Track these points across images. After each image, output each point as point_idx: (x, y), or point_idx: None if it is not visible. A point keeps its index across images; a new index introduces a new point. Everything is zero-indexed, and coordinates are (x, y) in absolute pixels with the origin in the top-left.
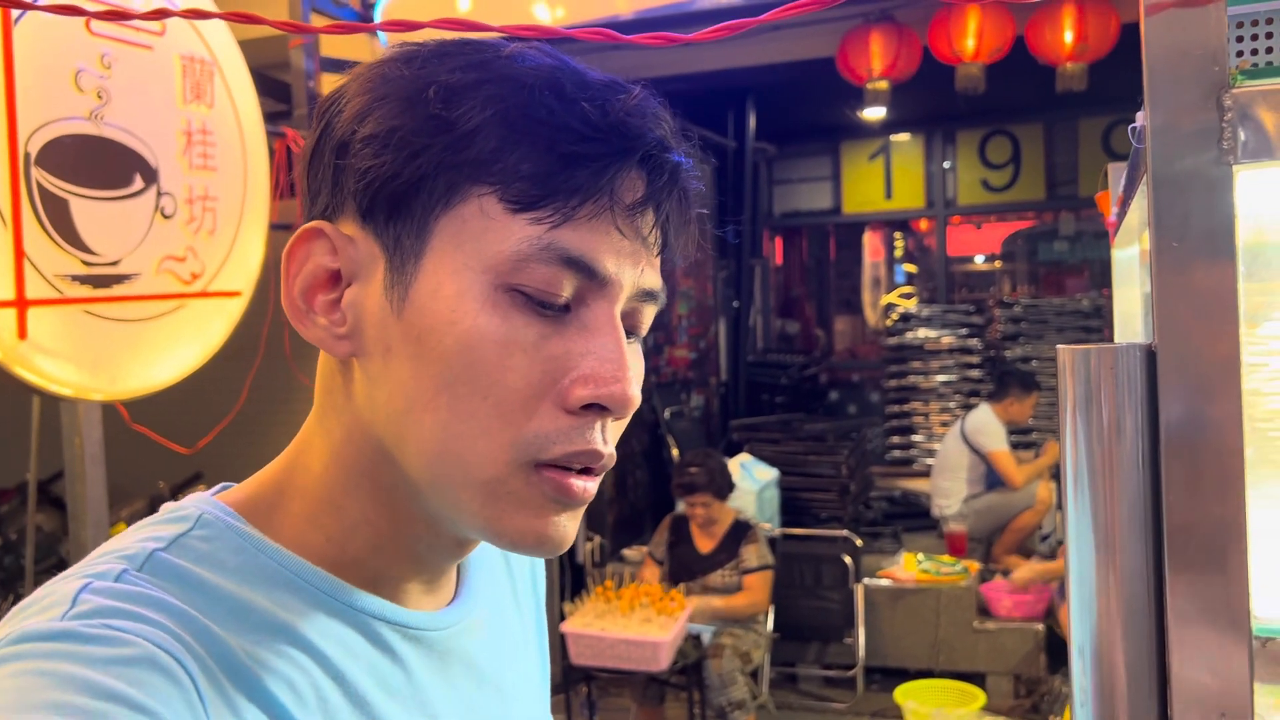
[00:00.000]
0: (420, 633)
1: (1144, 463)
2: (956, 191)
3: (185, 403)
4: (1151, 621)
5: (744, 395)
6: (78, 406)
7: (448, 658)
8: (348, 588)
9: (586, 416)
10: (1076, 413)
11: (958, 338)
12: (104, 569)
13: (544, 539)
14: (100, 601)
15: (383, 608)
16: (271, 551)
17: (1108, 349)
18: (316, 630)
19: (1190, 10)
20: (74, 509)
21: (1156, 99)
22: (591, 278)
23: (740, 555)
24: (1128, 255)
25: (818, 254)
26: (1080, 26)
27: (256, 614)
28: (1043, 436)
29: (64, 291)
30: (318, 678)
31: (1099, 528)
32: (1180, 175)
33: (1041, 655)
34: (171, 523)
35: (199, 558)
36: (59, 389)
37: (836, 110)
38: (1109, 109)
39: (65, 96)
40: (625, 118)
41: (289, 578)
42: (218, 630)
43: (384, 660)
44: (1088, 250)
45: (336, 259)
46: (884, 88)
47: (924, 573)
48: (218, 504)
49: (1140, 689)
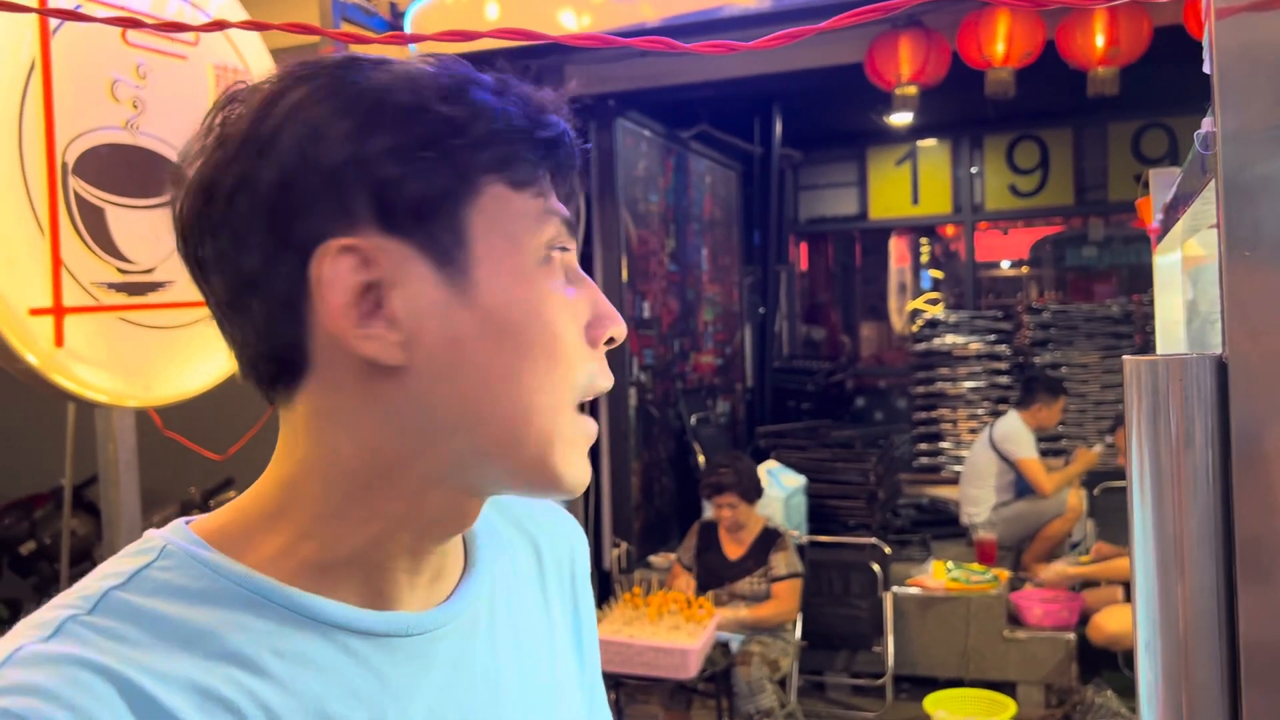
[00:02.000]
0: (396, 640)
1: (1214, 475)
2: (984, 197)
3: (216, 409)
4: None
5: (770, 402)
6: (112, 413)
7: (431, 660)
8: (319, 600)
9: (602, 353)
10: (1143, 424)
11: (986, 344)
12: (49, 617)
13: (586, 474)
14: (14, 676)
15: (355, 616)
16: (232, 574)
17: (1176, 360)
18: (277, 647)
19: (1263, 14)
20: (108, 514)
21: (1228, 104)
22: (571, 235)
23: (769, 563)
24: (1170, 261)
25: (843, 260)
26: (1112, 30)
27: (212, 639)
28: (1072, 444)
29: (100, 299)
30: (269, 697)
31: (1167, 539)
32: (1252, 182)
33: (1073, 664)
34: (137, 555)
35: (155, 589)
36: (95, 396)
37: (862, 116)
38: (1139, 114)
39: (101, 106)
40: (542, 97)
41: (248, 597)
42: (155, 671)
43: (355, 669)
44: (1117, 256)
45: (368, 271)
46: (913, 93)
47: (953, 581)
48: (186, 531)
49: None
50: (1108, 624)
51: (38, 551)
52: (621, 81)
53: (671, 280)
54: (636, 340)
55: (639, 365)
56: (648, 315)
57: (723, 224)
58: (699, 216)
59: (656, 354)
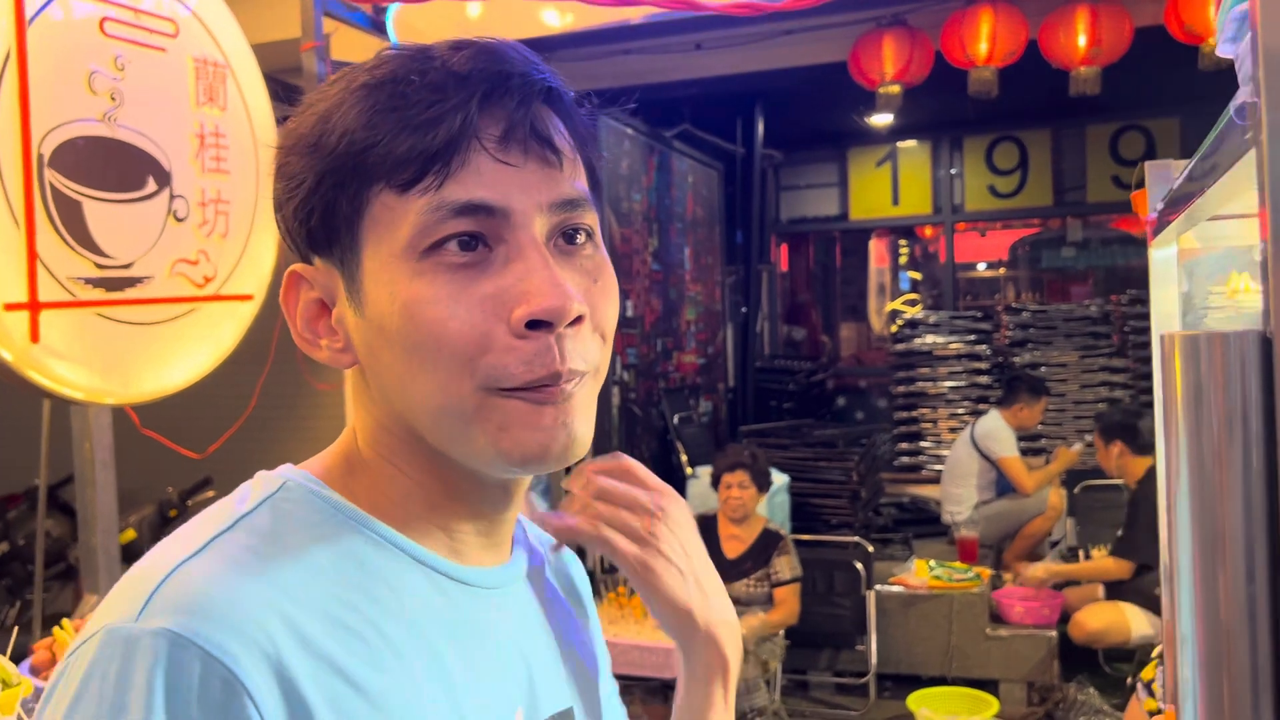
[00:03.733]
0: (481, 590)
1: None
2: (964, 198)
3: (194, 407)
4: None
5: (752, 401)
6: (88, 411)
7: (502, 610)
8: (413, 543)
9: (538, 337)
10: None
11: (965, 344)
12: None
13: (549, 438)
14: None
15: (447, 564)
16: (348, 511)
17: (1218, 335)
18: (390, 582)
19: None
20: (84, 515)
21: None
22: (491, 215)
23: (772, 566)
24: (1165, 255)
25: (824, 260)
26: (1094, 30)
27: (336, 570)
28: (1051, 443)
29: (77, 294)
30: (386, 625)
31: (1208, 524)
32: None
33: (1055, 662)
34: (261, 486)
35: (283, 517)
36: (71, 393)
37: (844, 117)
38: (1116, 115)
39: (79, 98)
40: (466, 69)
41: (365, 535)
42: (294, 595)
43: (449, 608)
44: (1094, 257)
45: (312, 290)
46: (896, 92)
47: (936, 579)
48: (300, 471)
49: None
50: (1089, 621)
51: (11, 553)
52: (605, 79)
53: (654, 279)
54: (620, 339)
55: (622, 364)
56: (631, 314)
57: (705, 223)
58: (681, 216)
59: (639, 353)
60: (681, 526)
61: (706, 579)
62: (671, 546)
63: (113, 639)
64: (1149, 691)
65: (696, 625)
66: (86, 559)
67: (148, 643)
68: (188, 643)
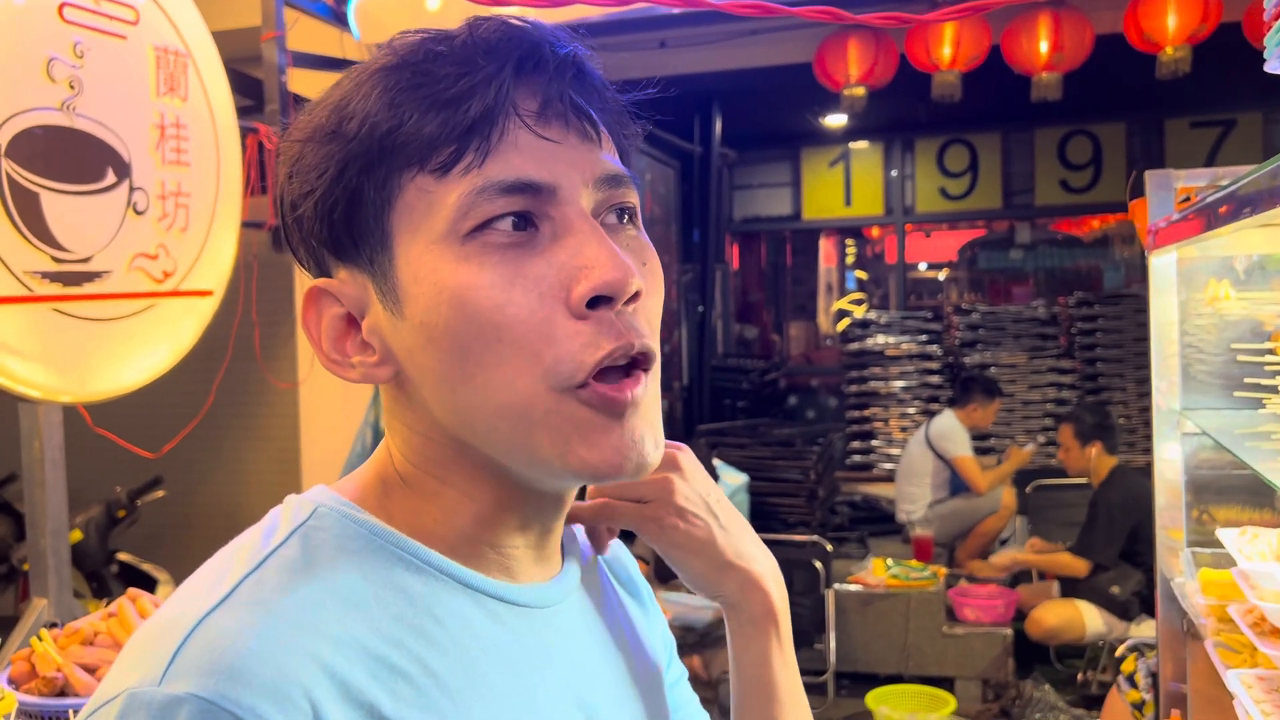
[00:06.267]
0: (531, 610)
1: None
2: (915, 199)
3: (146, 405)
4: None
5: (708, 400)
6: (38, 409)
7: (557, 630)
8: (461, 568)
9: (600, 315)
10: None
11: (917, 344)
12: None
13: (621, 457)
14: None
15: (499, 586)
16: (387, 536)
17: None
18: (435, 611)
19: None
20: (32, 515)
21: None
22: (538, 193)
23: None
24: (1165, 262)
25: (775, 260)
26: (1056, 36)
27: (376, 602)
28: (1002, 442)
29: (34, 289)
30: (433, 661)
31: None
32: None
33: (1009, 659)
34: (291, 513)
35: (316, 547)
36: (27, 391)
37: (798, 117)
38: (1065, 120)
39: (36, 86)
40: (491, 42)
41: (406, 560)
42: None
43: (503, 634)
44: (1041, 259)
45: (339, 305)
46: (860, 94)
47: (893, 578)
48: (331, 494)
49: None
50: (1046, 618)
51: None
52: None
53: None
54: None
55: None
56: None
57: (661, 221)
58: None
59: None
60: (693, 474)
61: (731, 522)
62: (686, 495)
63: (135, 705)
64: (1131, 683)
65: (732, 567)
66: (35, 562)
67: (173, 710)
68: (217, 709)
